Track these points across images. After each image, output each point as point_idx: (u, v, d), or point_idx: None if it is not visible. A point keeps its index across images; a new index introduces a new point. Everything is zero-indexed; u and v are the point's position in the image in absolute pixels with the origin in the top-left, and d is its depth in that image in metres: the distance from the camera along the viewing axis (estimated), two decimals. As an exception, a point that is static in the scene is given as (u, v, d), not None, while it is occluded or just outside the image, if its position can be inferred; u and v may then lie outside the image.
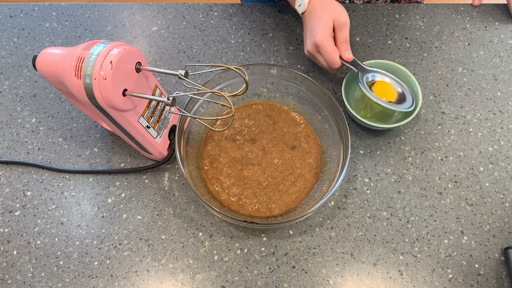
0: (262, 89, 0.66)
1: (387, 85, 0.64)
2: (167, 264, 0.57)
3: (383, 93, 0.62)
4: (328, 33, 0.61)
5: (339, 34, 0.62)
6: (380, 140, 0.66)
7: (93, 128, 0.67)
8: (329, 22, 0.62)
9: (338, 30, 0.62)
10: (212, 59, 0.73)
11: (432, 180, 0.63)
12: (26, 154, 0.65)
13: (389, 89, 0.63)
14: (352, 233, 0.59)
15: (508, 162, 0.64)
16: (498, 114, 0.68)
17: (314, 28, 0.62)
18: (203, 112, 0.64)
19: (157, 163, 0.62)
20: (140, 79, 0.51)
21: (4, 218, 0.60)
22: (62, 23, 0.77)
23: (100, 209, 0.61)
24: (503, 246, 0.59)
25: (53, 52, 0.51)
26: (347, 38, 0.63)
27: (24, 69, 0.72)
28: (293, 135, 0.64)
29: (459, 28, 0.76)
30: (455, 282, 0.56)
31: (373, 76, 0.64)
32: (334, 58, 0.61)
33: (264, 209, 0.59)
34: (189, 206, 0.61)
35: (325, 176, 0.60)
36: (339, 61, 0.62)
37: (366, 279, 0.57)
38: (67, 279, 0.56)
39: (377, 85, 0.63)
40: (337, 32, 0.62)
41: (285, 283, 0.56)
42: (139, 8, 0.79)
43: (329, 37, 0.61)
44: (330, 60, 0.62)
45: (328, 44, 0.61)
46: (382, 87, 0.63)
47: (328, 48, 0.61)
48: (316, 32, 0.62)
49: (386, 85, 0.63)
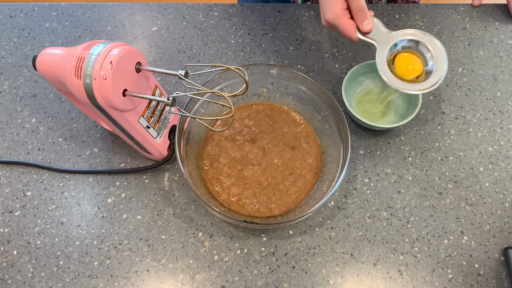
0: (262, 89, 0.66)
1: (411, 57, 0.56)
2: (167, 264, 0.57)
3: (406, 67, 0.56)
4: (338, 7, 0.55)
5: (351, 3, 0.55)
6: (380, 140, 0.66)
7: (93, 128, 0.67)
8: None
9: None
10: (212, 59, 0.73)
11: (432, 180, 0.63)
12: (26, 154, 0.65)
13: (413, 61, 0.56)
14: (352, 233, 0.59)
15: (508, 162, 0.64)
16: (498, 114, 0.68)
17: (322, 4, 0.57)
18: (203, 112, 0.64)
19: (157, 163, 0.62)
20: (140, 79, 0.51)
21: (4, 218, 0.60)
22: (62, 23, 0.77)
23: (100, 209, 0.61)
24: (503, 246, 0.59)
25: (53, 52, 0.51)
26: (362, 6, 0.54)
27: (24, 69, 0.72)
28: (293, 135, 0.64)
29: (459, 28, 0.76)
30: (455, 282, 0.56)
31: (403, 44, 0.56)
32: (349, 35, 0.55)
33: (264, 209, 0.59)
34: (189, 206, 0.61)
35: (325, 176, 0.60)
36: (356, 36, 0.56)
37: (366, 279, 0.57)
38: (67, 279, 0.56)
39: (399, 57, 0.56)
40: (350, 2, 0.55)
41: (285, 283, 0.56)
42: (139, 8, 0.79)
43: (340, 13, 0.55)
44: (347, 36, 0.56)
45: (340, 21, 0.55)
46: (405, 59, 0.56)
47: (341, 25, 0.55)
48: (325, 9, 0.56)
49: (410, 58, 0.56)
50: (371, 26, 0.55)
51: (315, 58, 0.73)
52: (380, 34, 0.56)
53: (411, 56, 0.56)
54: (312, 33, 0.75)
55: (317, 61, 0.73)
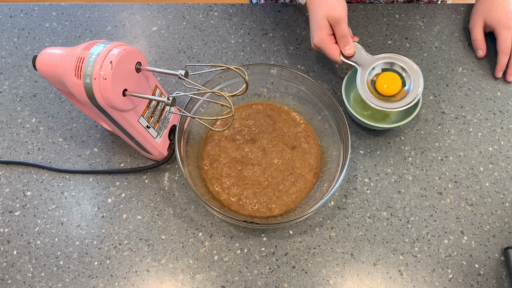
0: (262, 89, 0.66)
1: (392, 76, 0.61)
2: (167, 264, 0.57)
3: (388, 85, 0.60)
4: (324, 33, 0.62)
5: (335, 30, 0.62)
6: (380, 140, 0.66)
7: (93, 128, 0.67)
8: (323, 22, 0.61)
9: (334, 27, 0.62)
10: (212, 59, 0.73)
11: (432, 180, 0.63)
12: (26, 154, 0.65)
13: (394, 80, 0.61)
14: (352, 233, 0.59)
15: (508, 162, 0.64)
16: (498, 114, 0.68)
17: (311, 29, 0.64)
18: (203, 112, 0.64)
19: (157, 163, 0.62)
20: (140, 79, 0.51)
21: (4, 218, 0.60)
22: (62, 23, 0.77)
23: (100, 209, 0.61)
24: (503, 246, 0.59)
25: (53, 52, 0.51)
26: (344, 33, 0.61)
27: (24, 69, 0.72)
28: (293, 135, 0.64)
29: (459, 28, 0.76)
30: (455, 282, 0.56)
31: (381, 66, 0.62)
32: (334, 58, 0.62)
33: (264, 209, 0.59)
34: (189, 206, 0.61)
35: (325, 176, 0.60)
36: (340, 59, 0.62)
37: (366, 279, 0.57)
38: (67, 279, 0.56)
39: (381, 77, 0.61)
40: (334, 29, 0.62)
41: (285, 283, 0.56)
42: (139, 8, 0.79)
43: (326, 38, 0.62)
44: (331, 59, 0.63)
45: (325, 45, 0.62)
46: (386, 78, 0.61)
47: (327, 49, 0.62)
48: (313, 34, 0.63)
49: (391, 76, 0.61)
50: (352, 51, 0.62)
51: (315, 58, 0.73)
52: (361, 57, 0.62)
53: (391, 76, 0.61)
54: (312, 33, 0.75)
55: (317, 61, 0.73)
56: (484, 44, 0.72)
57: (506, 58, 0.70)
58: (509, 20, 0.69)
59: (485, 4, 0.72)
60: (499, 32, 0.70)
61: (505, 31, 0.69)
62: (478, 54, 0.72)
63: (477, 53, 0.73)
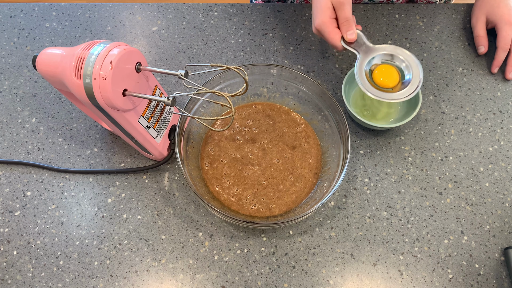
0: (262, 89, 0.66)
1: (390, 69, 0.60)
2: (167, 264, 0.57)
3: (384, 78, 0.59)
4: (326, 15, 0.59)
5: (339, 13, 0.59)
6: (380, 140, 0.66)
7: (93, 128, 0.67)
8: (327, 4, 0.59)
9: (337, 9, 0.59)
10: (212, 59, 0.73)
11: (432, 180, 0.63)
12: (26, 154, 0.65)
13: (391, 74, 0.60)
14: (352, 233, 0.59)
15: (508, 162, 0.64)
16: (498, 114, 0.68)
17: (313, 12, 0.61)
18: (203, 112, 0.64)
19: (157, 163, 0.62)
20: (140, 79, 0.51)
21: (4, 218, 0.60)
22: (62, 23, 0.77)
23: (100, 209, 0.61)
24: (503, 246, 0.59)
25: (53, 52, 0.51)
26: (348, 17, 0.59)
27: (24, 69, 0.72)
28: (293, 135, 0.64)
29: (459, 28, 0.76)
30: (455, 282, 0.56)
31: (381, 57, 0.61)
32: (334, 42, 0.60)
33: (264, 209, 0.59)
34: (189, 206, 0.61)
35: (325, 176, 0.60)
36: (340, 44, 0.60)
37: (366, 279, 0.57)
38: (67, 279, 0.56)
39: (379, 69, 0.60)
40: (338, 12, 0.59)
41: (285, 283, 0.56)
42: (139, 8, 0.79)
43: (328, 21, 0.59)
44: (331, 43, 0.60)
45: (326, 28, 0.59)
46: (384, 71, 0.60)
47: (327, 32, 0.59)
48: (315, 16, 0.61)
49: (389, 70, 0.60)
50: (354, 36, 0.59)
51: (315, 58, 0.73)
52: (362, 45, 0.60)
53: (389, 69, 0.60)
54: (312, 33, 0.75)
55: (317, 61, 0.73)
56: (487, 41, 0.72)
57: (504, 54, 0.70)
58: (511, 16, 0.69)
59: (487, 0, 0.72)
60: (500, 28, 0.70)
61: (506, 27, 0.69)
62: (480, 50, 0.72)
63: (478, 50, 0.73)
